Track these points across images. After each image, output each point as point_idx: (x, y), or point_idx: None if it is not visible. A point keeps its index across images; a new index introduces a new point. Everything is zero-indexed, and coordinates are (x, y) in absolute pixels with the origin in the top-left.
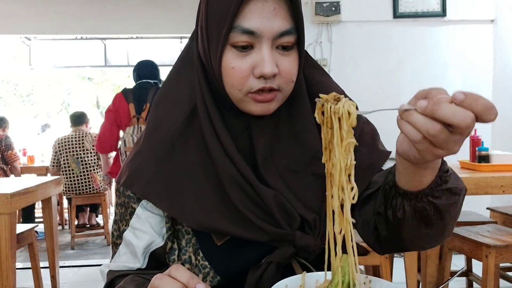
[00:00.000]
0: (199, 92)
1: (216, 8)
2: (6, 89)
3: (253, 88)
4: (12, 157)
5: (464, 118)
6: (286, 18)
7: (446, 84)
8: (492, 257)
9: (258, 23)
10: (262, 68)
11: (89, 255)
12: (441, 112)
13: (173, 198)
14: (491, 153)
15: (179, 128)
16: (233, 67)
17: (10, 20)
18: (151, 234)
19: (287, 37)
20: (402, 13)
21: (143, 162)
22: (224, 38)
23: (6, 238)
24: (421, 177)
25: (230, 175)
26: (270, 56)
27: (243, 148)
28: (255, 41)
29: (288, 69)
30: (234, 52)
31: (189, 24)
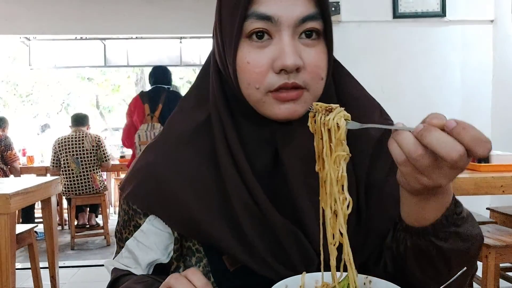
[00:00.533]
0: (213, 100)
1: (228, 1)
2: (5, 89)
3: (273, 85)
4: (11, 158)
5: (450, 150)
6: (309, 1)
7: (445, 84)
8: (492, 257)
9: (276, 7)
10: (283, 60)
11: (88, 256)
12: (428, 139)
13: (184, 216)
14: (491, 153)
15: (189, 137)
16: (249, 61)
17: (10, 20)
18: (155, 251)
19: (311, 22)
20: (402, 13)
21: (149, 175)
22: (238, 29)
23: (6, 238)
24: (422, 211)
25: (244, 203)
26: (291, 45)
27: (265, 164)
28: (273, 29)
29: (314, 62)
30: (249, 44)
31: (189, 24)
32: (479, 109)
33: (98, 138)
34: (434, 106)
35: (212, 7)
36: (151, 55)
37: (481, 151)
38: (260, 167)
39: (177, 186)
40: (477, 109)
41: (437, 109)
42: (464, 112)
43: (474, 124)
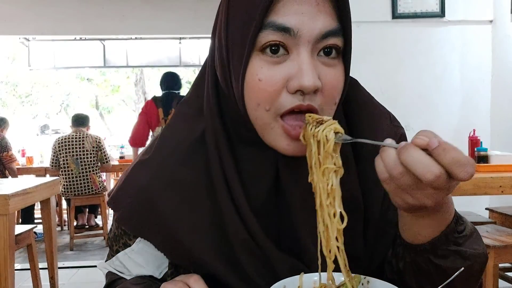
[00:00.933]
0: (208, 115)
1: (241, 5)
2: (5, 90)
3: (285, 107)
4: (8, 159)
5: (425, 171)
6: (331, 16)
7: (444, 84)
8: (491, 257)
9: (296, 18)
10: (301, 80)
11: (88, 256)
12: (405, 157)
13: (179, 247)
14: (490, 153)
15: (183, 157)
16: (261, 78)
17: (9, 21)
18: (147, 269)
19: (333, 38)
20: (401, 14)
21: (142, 199)
22: (251, 40)
23: (5, 239)
24: (418, 229)
25: (241, 240)
26: (311, 63)
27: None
28: (290, 43)
29: (332, 84)
30: (262, 58)
31: (188, 25)
32: (478, 109)
33: (98, 139)
34: (434, 106)
35: (212, 7)
36: (151, 55)
37: (461, 174)
38: (259, 195)
39: (171, 215)
40: (476, 109)
41: (436, 109)
42: (463, 112)
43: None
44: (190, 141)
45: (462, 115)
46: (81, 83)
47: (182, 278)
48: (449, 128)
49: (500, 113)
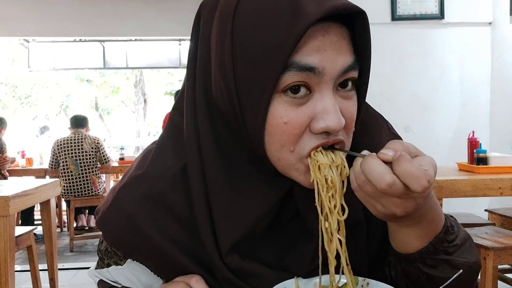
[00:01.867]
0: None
1: (254, 39)
2: (4, 91)
3: (309, 147)
4: (1, 161)
5: (378, 179)
6: (349, 49)
7: (443, 86)
8: (491, 259)
9: (319, 56)
10: (327, 121)
11: (88, 258)
12: (363, 166)
13: (172, 268)
14: (489, 155)
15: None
16: (287, 121)
17: (9, 22)
18: (138, 286)
19: (352, 72)
20: (400, 16)
21: (131, 227)
22: (273, 82)
23: (5, 241)
24: (406, 238)
25: (225, 279)
26: (335, 103)
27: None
28: (313, 81)
29: (351, 117)
30: (286, 101)
31: (188, 26)
32: (477, 111)
33: (97, 140)
34: (433, 108)
35: None
36: (150, 57)
37: (414, 186)
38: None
39: (161, 241)
40: (475, 111)
41: (435, 110)
42: (462, 114)
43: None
44: (176, 168)
45: (461, 116)
46: (80, 85)
47: (182, 278)
48: (448, 129)
49: (499, 114)
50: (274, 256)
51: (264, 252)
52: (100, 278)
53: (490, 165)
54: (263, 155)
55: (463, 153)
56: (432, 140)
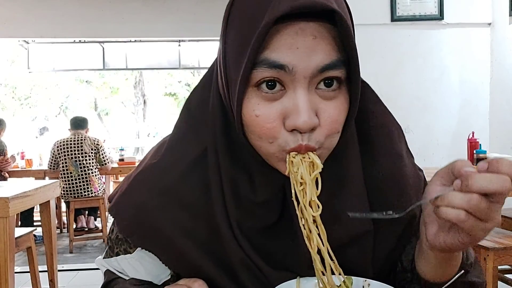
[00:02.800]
0: (212, 136)
1: (234, 37)
2: (4, 93)
3: (287, 145)
4: (3, 163)
5: (503, 183)
6: (332, 47)
7: (443, 87)
8: (491, 259)
9: (290, 54)
10: (295, 119)
11: (87, 259)
12: (478, 184)
13: (182, 261)
14: (489, 155)
15: (181, 173)
16: (258, 115)
17: (8, 24)
18: (146, 276)
19: (331, 71)
20: (399, 17)
21: (144, 217)
22: (244, 77)
23: (5, 242)
24: (446, 268)
25: (240, 259)
26: (306, 101)
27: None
28: (287, 79)
29: (332, 118)
30: (259, 96)
31: (188, 27)
32: (477, 111)
33: (97, 141)
34: (432, 109)
35: (211, 10)
36: (150, 58)
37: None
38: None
39: (172, 232)
40: (475, 112)
41: (435, 111)
42: (462, 114)
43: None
44: (192, 157)
45: (461, 117)
46: (80, 86)
47: (185, 282)
48: (448, 130)
49: (499, 115)
50: (280, 253)
51: (271, 247)
52: (107, 267)
53: None
54: (248, 144)
55: (463, 153)
56: (432, 140)
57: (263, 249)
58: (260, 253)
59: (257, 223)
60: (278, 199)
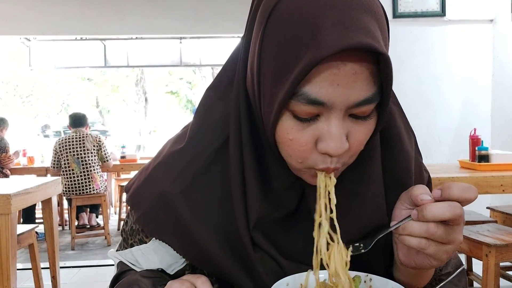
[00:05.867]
0: (235, 125)
1: (272, 55)
2: (5, 90)
3: (317, 166)
4: (6, 160)
5: (453, 210)
6: (368, 81)
7: (445, 83)
8: (492, 256)
9: (330, 91)
10: (328, 146)
11: (89, 256)
12: (431, 214)
13: (198, 252)
14: (491, 152)
15: (203, 162)
16: (291, 139)
17: (10, 21)
18: (159, 265)
19: (366, 106)
20: (401, 13)
21: (164, 205)
22: (281, 104)
23: (7, 239)
24: (419, 279)
25: (255, 249)
26: (340, 130)
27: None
28: (323, 111)
29: (360, 141)
30: (293, 120)
31: (189, 25)
32: (479, 108)
33: (98, 138)
34: (434, 106)
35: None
36: (151, 55)
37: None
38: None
39: (191, 221)
40: (476, 109)
41: (437, 108)
42: (464, 111)
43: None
44: (216, 145)
45: (462, 114)
46: (81, 83)
47: (189, 278)
48: (450, 127)
49: (500, 112)
50: (296, 246)
51: (288, 239)
52: (120, 259)
53: (491, 162)
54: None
55: (464, 150)
56: (434, 137)
57: (280, 241)
58: (276, 245)
59: (276, 215)
60: (296, 190)
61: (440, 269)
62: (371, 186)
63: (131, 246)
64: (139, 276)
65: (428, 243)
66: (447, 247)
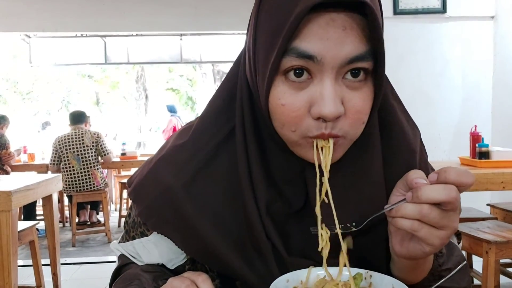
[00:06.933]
0: (240, 118)
1: (265, 25)
2: (6, 87)
3: (311, 133)
4: (6, 157)
5: (449, 193)
6: (360, 39)
7: (445, 80)
8: (492, 253)
9: (320, 45)
10: (321, 108)
11: (90, 252)
12: (426, 195)
13: (200, 246)
14: (491, 149)
15: (205, 156)
16: (284, 104)
17: (10, 18)
18: (159, 260)
19: (359, 62)
20: (402, 10)
21: (167, 200)
22: (273, 65)
23: (8, 235)
24: (416, 273)
25: (262, 243)
26: (332, 91)
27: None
28: (314, 69)
29: (357, 108)
30: (286, 84)
31: (189, 21)
32: (480, 105)
33: (97, 134)
34: (435, 102)
35: (213, 4)
36: (152, 52)
37: (469, 180)
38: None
39: (194, 214)
40: (477, 105)
41: (437, 105)
42: (465, 108)
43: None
44: (219, 138)
45: (463, 111)
46: (81, 80)
47: (189, 275)
48: (451, 124)
49: (501, 109)
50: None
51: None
52: (122, 252)
53: (492, 159)
54: (273, 130)
55: (465, 147)
56: (434, 134)
57: (286, 236)
58: (282, 240)
59: (282, 207)
60: (302, 181)
61: (439, 265)
62: (370, 178)
63: (133, 238)
64: (140, 271)
65: (420, 225)
66: (440, 232)
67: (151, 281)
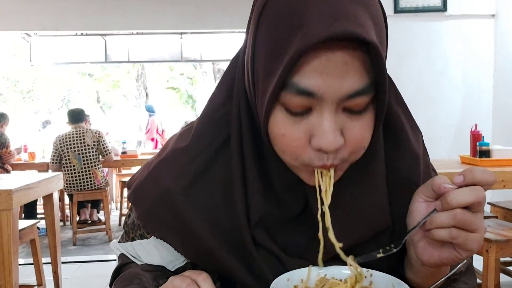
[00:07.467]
0: (236, 125)
1: (264, 47)
2: (6, 86)
3: (313, 163)
4: (6, 155)
5: (477, 193)
6: (361, 73)
7: (446, 79)
8: (493, 251)
9: (320, 81)
10: (321, 141)
11: (91, 251)
12: (456, 199)
13: (199, 249)
14: (492, 148)
15: (205, 160)
16: (284, 134)
17: (11, 16)
18: (159, 262)
19: (359, 98)
20: (402, 8)
21: (165, 203)
22: (272, 96)
23: (8, 234)
24: (434, 278)
25: (258, 248)
26: (332, 124)
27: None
28: (314, 103)
29: (357, 138)
30: (285, 114)
31: (190, 20)
32: (480, 104)
33: (98, 133)
34: (435, 101)
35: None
36: (152, 51)
37: (492, 179)
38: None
39: (193, 218)
40: (478, 104)
41: (438, 104)
42: (465, 106)
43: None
44: (218, 143)
45: (464, 109)
46: (82, 79)
47: (190, 274)
48: (451, 123)
49: (502, 107)
50: (300, 246)
51: (292, 239)
52: (122, 251)
53: (492, 158)
54: (273, 150)
55: (465, 146)
56: (435, 133)
57: (283, 241)
58: (279, 245)
59: (278, 213)
60: (299, 193)
61: (453, 268)
62: (374, 186)
63: (132, 239)
64: (140, 270)
65: (458, 232)
66: (475, 236)
67: (151, 280)
